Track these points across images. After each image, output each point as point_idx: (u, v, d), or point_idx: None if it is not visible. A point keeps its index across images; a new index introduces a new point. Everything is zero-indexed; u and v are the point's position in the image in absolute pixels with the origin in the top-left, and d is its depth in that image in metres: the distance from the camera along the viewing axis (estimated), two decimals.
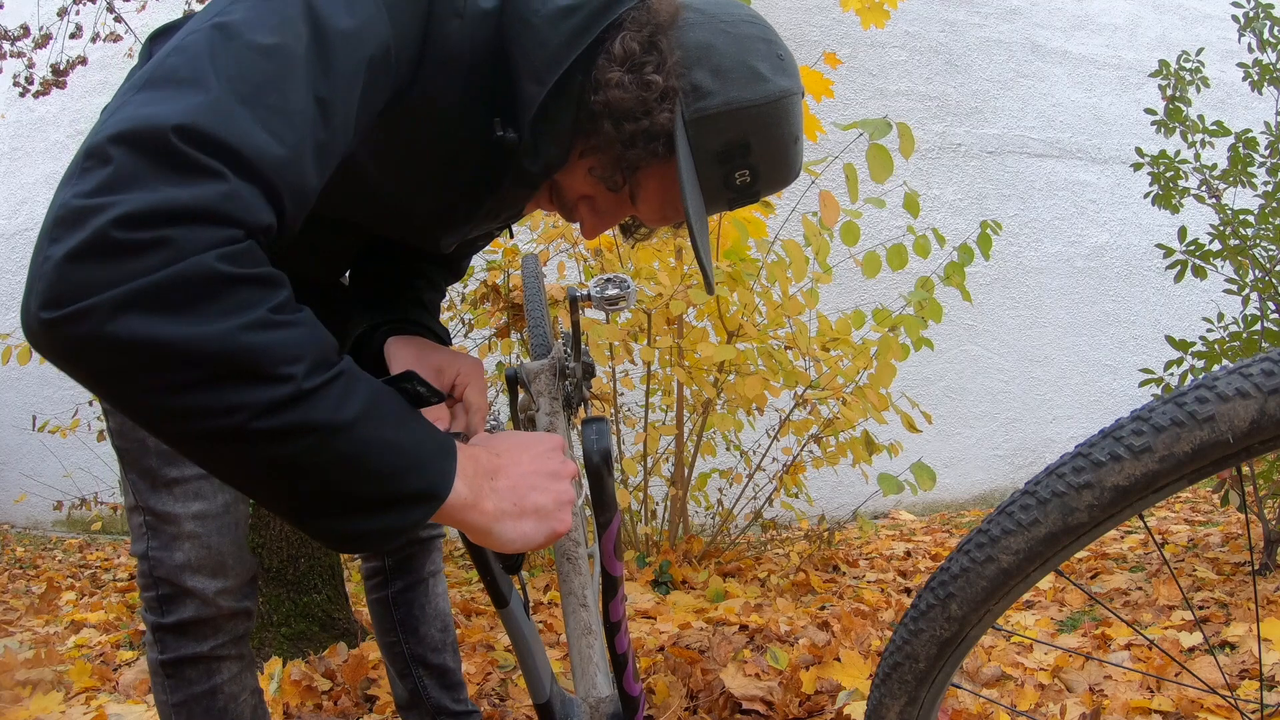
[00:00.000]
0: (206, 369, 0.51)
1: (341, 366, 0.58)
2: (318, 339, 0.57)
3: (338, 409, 0.56)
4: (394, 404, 0.62)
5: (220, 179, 0.52)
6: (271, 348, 0.52)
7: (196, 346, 0.50)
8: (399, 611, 1.44)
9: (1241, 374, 0.62)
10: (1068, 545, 0.68)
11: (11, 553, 4.51)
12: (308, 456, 0.56)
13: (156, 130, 0.51)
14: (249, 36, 0.59)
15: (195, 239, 0.50)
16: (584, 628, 1.02)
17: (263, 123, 0.56)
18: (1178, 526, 3.36)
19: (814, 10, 4.82)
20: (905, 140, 2.30)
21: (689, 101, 0.82)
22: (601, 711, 0.98)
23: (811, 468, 3.06)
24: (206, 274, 0.50)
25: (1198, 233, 2.74)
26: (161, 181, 0.50)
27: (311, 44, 0.63)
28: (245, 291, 0.52)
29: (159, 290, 0.49)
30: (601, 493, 0.87)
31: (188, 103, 0.53)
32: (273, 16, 0.61)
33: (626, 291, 1.44)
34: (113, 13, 3.49)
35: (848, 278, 4.22)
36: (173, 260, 0.49)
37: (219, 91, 0.54)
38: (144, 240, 0.49)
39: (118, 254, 0.48)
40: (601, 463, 0.86)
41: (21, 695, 1.95)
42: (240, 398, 0.52)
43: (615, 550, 0.90)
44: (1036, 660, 1.91)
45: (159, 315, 0.49)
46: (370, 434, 0.58)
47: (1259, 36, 2.76)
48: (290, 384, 0.53)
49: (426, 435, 0.64)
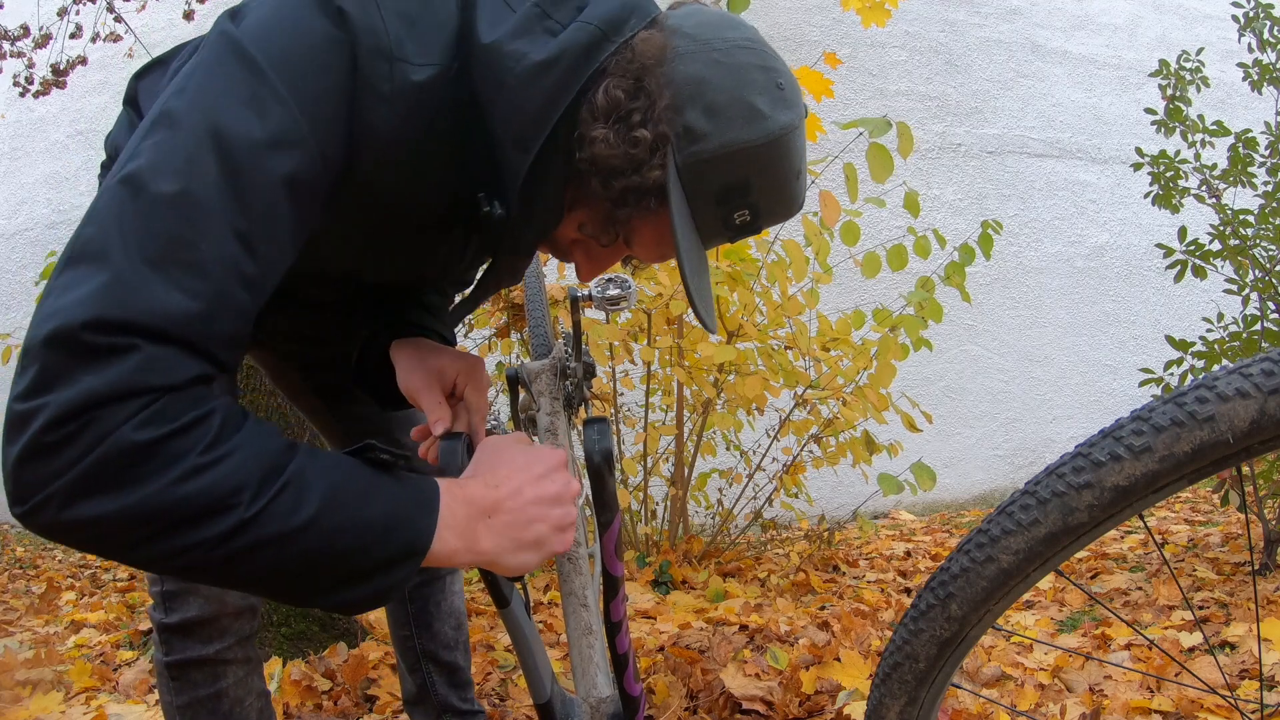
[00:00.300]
0: (155, 525, 0.56)
1: (289, 474, 0.60)
2: (258, 456, 0.60)
3: (291, 516, 0.60)
4: (356, 481, 0.65)
5: (133, 353, 0.56)
6: (205, 490, 0.56)
7: (138, 511, 0.55)
8: (414, 606, 1.44)
9: (1241, 374, 0.62)
10: (1068, 545, 0.68)
11: (11, 553, 4.51)
12: (276, 561, 0.60)
13: (69, 330, 0.55)
14: (154, 188, 0.60)
15: (113, 418, 0.54)
16: (584, 628, 1.02)
17: (174, 283, 0.58)
18: (1178, 526, 3.36)
19: (814, 10, 4.82)
20: (904, 140, 2.30)
21: (682, 145, 0.77)
22: (602, 711, 0.98)
23: (811, 468, 3.06)
24: (126, 447, 0.55)
25: (1198, 233, 2.74)
26: (81, 373, 0.55)
27: (221, 179, 0.62)
28: (171, 446, 0.56)
29: (90, 476, 0.54)
30: (603, 493, 0.87)
31: (95, 287, 0.56)
32: (178, 156, 0.62)
33: (627, 292, 1.44)
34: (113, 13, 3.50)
35: (848, 278, 4.22)
36: (95, 445, 0.54)
37: (125, 264, 0.57)
38: (70, 433, 0.54)
39: (52, 453, 0.54)
40: (603, 463, 0.86)
41: (21, 695, 1.95)
42: (195, 537, 0.57)
43: (616, 550, 0.90)
44: (1036, 660, 1.91)
45: (99, 496, 0.55)
46: (333, 522, 0.62)
47: (1259, 36, 2.76)
48: (234, 514, 0.57)
49: (397, 500, 0.66)
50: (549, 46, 0.76)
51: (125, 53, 4.01)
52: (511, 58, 0.75)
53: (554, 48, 0.75)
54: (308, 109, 0.67)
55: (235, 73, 0.66)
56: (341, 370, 1.24)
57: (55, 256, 3.30)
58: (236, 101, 0.65)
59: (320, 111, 0.68)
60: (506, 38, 0.76)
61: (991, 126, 5.15)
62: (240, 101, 0.65)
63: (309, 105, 0.67)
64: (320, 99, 0.68)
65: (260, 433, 0.62)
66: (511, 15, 0.78)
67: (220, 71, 0.66)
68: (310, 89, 0.68)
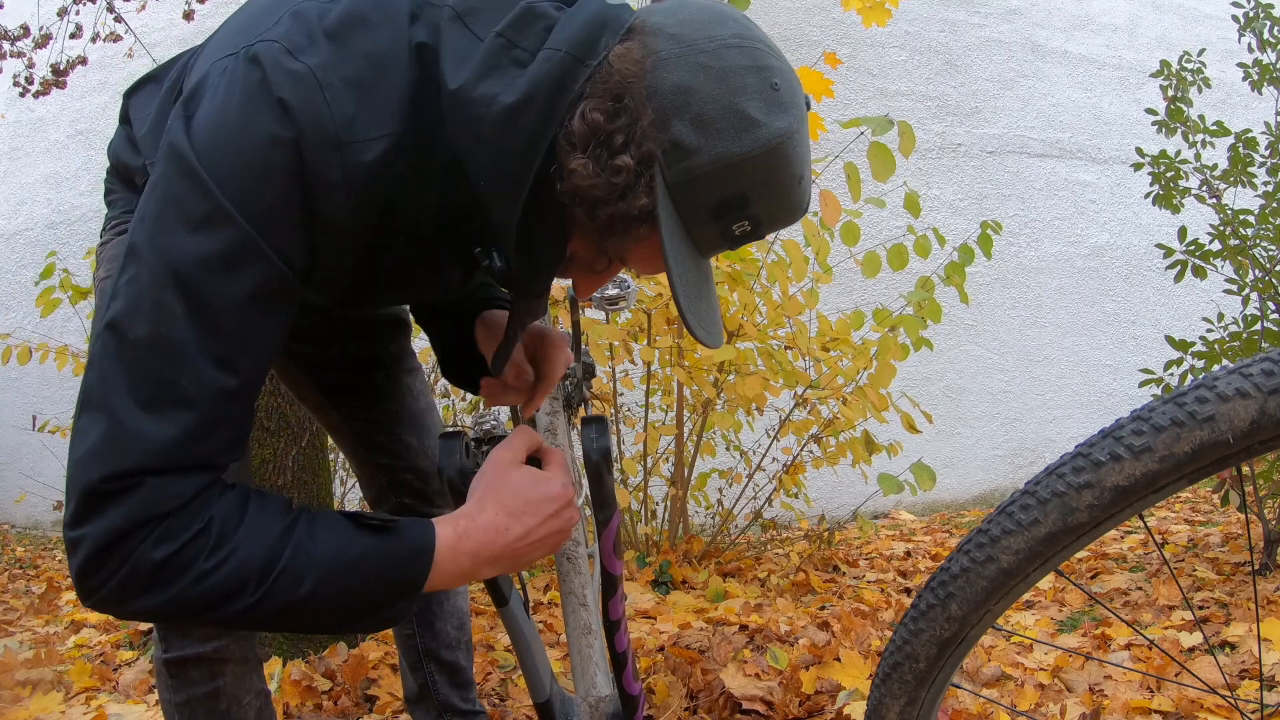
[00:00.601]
0: (188, 610, 0.70)
1: (285, 561, 0.70)
2: (256, 552, 0.70)
3: (293, 593, 0.71)
4: (351, 547, 0.73)
5: (140, 489, 0.67)
6: (217, 588, 0.69)
7: (171, 605, 0.69)
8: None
9: (1241, 374, 0.62)
10: (1068, 545, 0.68)
11: (11, 553, 4.51)
12: (291, 622, 0.74)
13: (91, 485, 0.67)
14: (132, 334, 0.68)
15: (134, 543, 0.67)
16: (584, 627, 1.02)
17: (165, 419, 0.68)
18: (1178, 526, 3.36)
19: (814, 10, 4.82)
20: (906, 139, 2.30)
21: (671, 162, 0.72)
22: (601, 711, 0.98)
23: (811, 468, 3.06)
24: (148, 565, 0.67)
25: (1198, 233, 2.74)
26: (106, 510, 0.67)
27: (187, 314, 0.68)
28: (182, 558, 0.68)
29: (128, 585, 0.68)
30: (601, 492, 0.87)
31: (99, 439, 0.67)
32: (146, 299, 0.68)
33: (627, 291, 1.45)
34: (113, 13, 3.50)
35: (848, 278, 4.22)
36: (124, 564, 0.67)
37: (121, 411, 0.67)
38: (105, 558, 0.67)
39: (99, 569, 0.68)
40: (601, 462, 0.86)
41: (21, 695, 1.95)
42: (219, 615, 0.70)
43: (615, 549, 0.90)
44: (1036, 660, 1.91)
45: (140, 596, 0.68)
46: (331, 590, 0.72)
47: (1259, 36, 2.76)
48: (244, 599, 0.69)
49: (390, 558, 0.75)
50: (519, 85, 0.71)
51: (125, 53, 4.00)
52: (481, 104, 0.72)
53: (524, 86, 0.71)
54: (258, 221, 0.68)
55: (185, 196, 0.69)
56: (347, 369, 1.24)
57: (55, 256, 3.30)
58: (188, 229, 0.68)
59: (271, 220, 0.69)
60: (472, 81, 0.72)
61: (991, 126, 5.15)
62: (191, 228, 0.68)
63: (259, 217, 0.68)
64: (271, 207, 0.69)
65: (257, 525, 0.71)
66: (477, 47, 0.74)
67: (171, 195, 0.70)
68: (258, 200, 0.68)
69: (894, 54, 4.98)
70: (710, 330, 0.79)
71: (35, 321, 4.65)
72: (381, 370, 1.27)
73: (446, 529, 0.77)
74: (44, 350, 3.28)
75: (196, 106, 0.71)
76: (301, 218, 0.71)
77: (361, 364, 1.26)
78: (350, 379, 1.25)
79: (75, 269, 3.39)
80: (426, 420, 1.31)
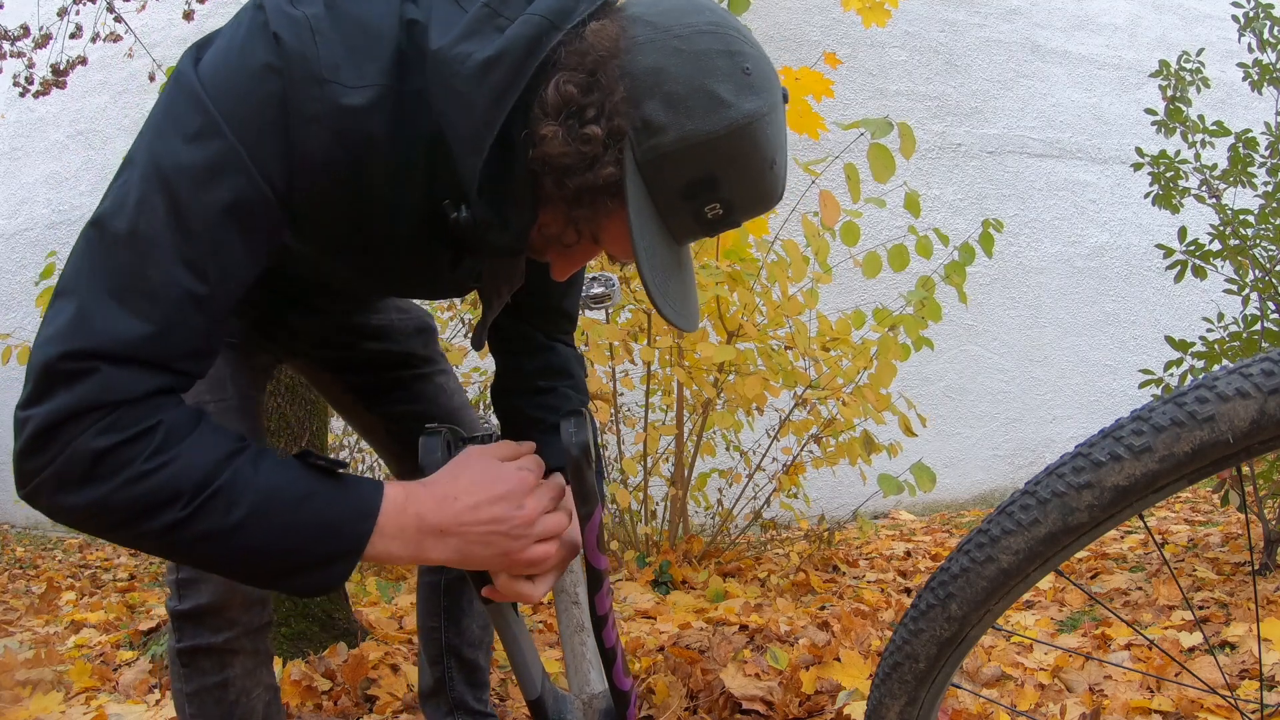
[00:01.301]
0: (116, 515, 0.69)
1: (221, 482, 0.70)
2: (195, 466, 0.70)
3: (224, 518, 0.70)
4: (292, 488, 0.73)
5: (94, 374, 0.67)
6: (148, 494, 0.68)
7: (101, 505, 0.68)
8: (447, 599, 1.44)
9: (1241, 374, 0.62)
10: (1068, 545, 0.68)
11: (11, 553, 4.51)
12: (218, 553, 0.72)
13: (49, 361, 0.68)
14: (112, 229, 0.71)
15: (76, 428, 0.67)
16: (576, 624, 1.02)
17: (129, 310, 0.69)
18: (1178, 526, 3.36)
19: (814, 10, 4.82)
20: (906, 140, 2.30)
21: (641, 139, 0.74)
22: (594, 707, 0.98)
23: (811, 468, 3.06)
24: (85, 453, 0.67)
25: (1198, 233, 2.74)
26: (57, 392, 0.68)
27: (166, 216, 0.70)
28: (121, 454, 0.68)
29: (62, 474, 0.68)
30: (582, 486, 0.87)
31: (66, 321, 0.69)
32: (131, 197, 0.71)
33: (611, 289, 1.45)
34: (113, 13, 3.50)
35: (848, 278, 4.22)
36: (63, 450, 0.67)
37: (89, 298, 0.69)
38: (47, 441, 0.68)
39: (37, 454, 0.68)
40: (580, 456, 0.86)
41: (21, 695, 1.95)
42: (145, 528, 0.69)
43: (598, 543, 0.90)
44: (1036, 660, 1.91)
45: (73, 490, 0.68)
46: (263, 526, 0.71)
47: (1259, 36, 2.76)
48: (171, 513, 0.69)
49: (332, 507, 0.74)
50: (495, 43, 0.74)
51: (125, 53, 4.01)
52: (458, 60, 0.74)
53: (499, 43, 0.74)
54: (244, 137, 0.71)
55: (183, 111, 0.73)
56: (378, 368, 1.25)
57: (55, 257, 3.30)
58: (181, 139, 0.72)
59: (256, 139, 0.72)
60: (453, 41, 0.75)
61: (991, 126, 5.15)
62: (184, 138, 0.72)
63: (246, 134, 0.71)
64: (257, 128, 0.72)
65: (203, 442, 0.71)
66: (462, 17, 0.77)
67: (171, 111, 0.74)
68: (246, 119, 0.72)
69: (894, 54, 4.98)
70: (682, 312, 0.79)
71: (35, 321, 4.65)
72: (412, 369, 1.29)
73: (396, 489, 0.78)
74: None
75: (208, 48, 0.77)
76: (283, 147, 0.73)
77: (392, 363, 1.27)
78: (382, 378, 1.26)
79: None
80: (461, 418, 1.31)
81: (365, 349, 1.24)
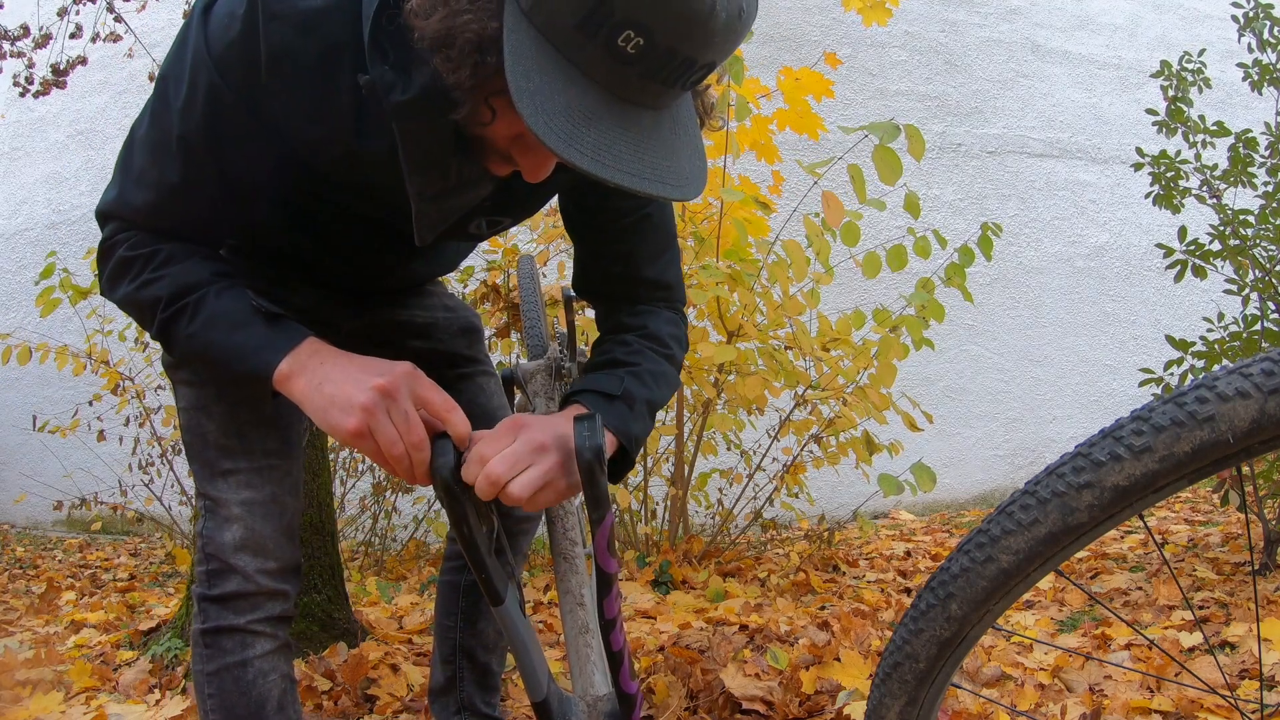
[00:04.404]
0: (134, 310, 0.98)
1: (188, 300, 0.93)
2: (176, 284, 0.93)
3: (187, 325, 0.93)
4: (234, 315, 0.93)
5: (117, 220, 0.98)
6: (146, 297, 0.95)
7: (131, 300, 0.97)
8: (465, 600, 1.44)
9: (1241, 374, 0.62)
10: (1068, 545, 0.68)
11: (11, 553, 4.51)
12: (189, 349, 0.95)
13: (102, 213, 0.99)
14: (140, 132, 0.95)
15: (112, 247, 0.97)
16: (581, 626, 1.02)
17: (141, 185, 0.95)
18: (1178, 526, 3.36)
19: (814, 10, 4.82)
20: (915, 142, 2.28)
21: None
22: (599, 710, 0.98)
23: (812, 468, 3.06)
24: (120, 259, 0.96)
25: (1198, 233, 2.74)
26: (105, 228, 0.99)
27: (150, 115, 0.94)
28: (136, 263, 0.96)
29: (113, 272, 0.98)
30: (595, 490, 0.86)
31: (112, 193, 0.98)
32: (147, 112, 0.94)
33: None
34: (113, 13, 3.49)
35: (848, 278, 4.22)
36: (111, 255, 0.98)
37: (123, 181, 0.97)
38: (109, 251, 0.98)
39: (105, 258, 0.99)
40: (594, 460, 0.85)
41: (21, 695, 1.95)
42: (150, 321, 0.96)
43: (609, 547, 0.90)
44: (1036, 660, 1.91)
45: (117, 282, 0.98)
46: (207, 338, 0.93)
47: (1259, 36, 2.76)
48: (158, 314, 0.94)
49: (260, 336, 0.92)
50: None
51: (125, 53, 4.00)
52: None
53: None
54: (219, 55, 0.86)
55: (186, 34, 0.90)
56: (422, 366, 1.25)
57: (55, 256, 3.30)
58: (177, 54, 0.90)
59: (230, 54, 0.85)
60: None
61: (991, 126, 5.15)
62: (178, 54, 0.90)
63: (221, 52, 0.86)
64: (231, 41, 0.85)
65: (189, 270, 0.94)
66: None
67: (180, 37, 0.91)
68: (225, 38, 0.86)
69: (894, 54, 4.98)
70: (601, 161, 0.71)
71: (35, 321, 4.65)
72: (456, 369, 1.30)
73: (311, 348, 0.92)
74: (44, 350, 3.28)
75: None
76: (252, 54, 0.85)
77: (436, 362, 1.27)
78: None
79: (75, 269, 3.39)
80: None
81: (410, 347, 1.25)
